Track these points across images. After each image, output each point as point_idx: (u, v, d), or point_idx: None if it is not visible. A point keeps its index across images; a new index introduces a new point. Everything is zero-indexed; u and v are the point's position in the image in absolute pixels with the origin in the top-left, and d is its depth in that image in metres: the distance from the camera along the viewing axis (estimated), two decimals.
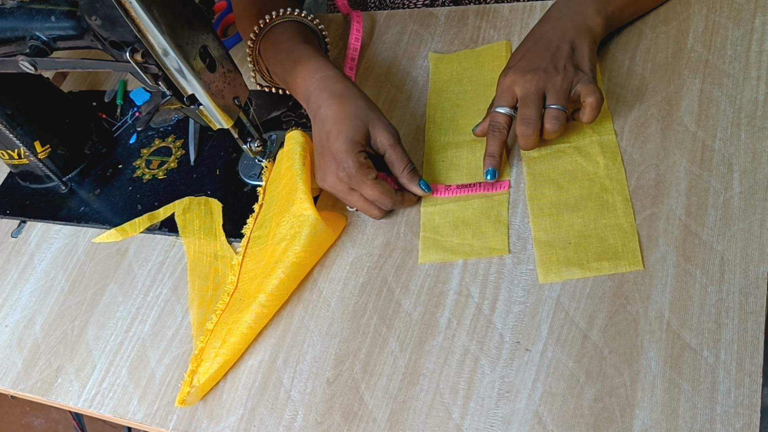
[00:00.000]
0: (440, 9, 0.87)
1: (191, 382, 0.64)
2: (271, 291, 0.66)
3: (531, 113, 0.65)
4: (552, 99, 0.65)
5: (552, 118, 0.65)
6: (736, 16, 0.71)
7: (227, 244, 0.75)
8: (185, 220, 0.79)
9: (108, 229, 0.82)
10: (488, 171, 0.68)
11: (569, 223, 0.64)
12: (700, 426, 0.51)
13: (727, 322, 0.54)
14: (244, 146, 0.76)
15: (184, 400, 0.64)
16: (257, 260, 0.71)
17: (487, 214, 0.67)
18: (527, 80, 0.66)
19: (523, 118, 0.65)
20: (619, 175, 0.65)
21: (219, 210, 0.78)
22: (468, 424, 0.56)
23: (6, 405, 1.84)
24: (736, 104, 0.65)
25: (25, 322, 0.78)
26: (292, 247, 0.67)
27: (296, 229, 0.67)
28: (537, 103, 0.65)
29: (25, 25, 0.67)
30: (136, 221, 0.81)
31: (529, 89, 0.65)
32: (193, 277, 0.73)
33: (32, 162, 0.86)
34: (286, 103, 0.86)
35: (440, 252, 0.66)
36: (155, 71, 0.63)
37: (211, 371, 0.64)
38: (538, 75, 0.65)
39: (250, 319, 0.66)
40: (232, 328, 0.66)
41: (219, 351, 0.65)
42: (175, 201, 0.81)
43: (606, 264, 0.60)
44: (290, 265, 0.67)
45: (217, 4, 1.03)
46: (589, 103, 0.64)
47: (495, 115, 0.68)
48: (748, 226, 0.58)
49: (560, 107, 0.65)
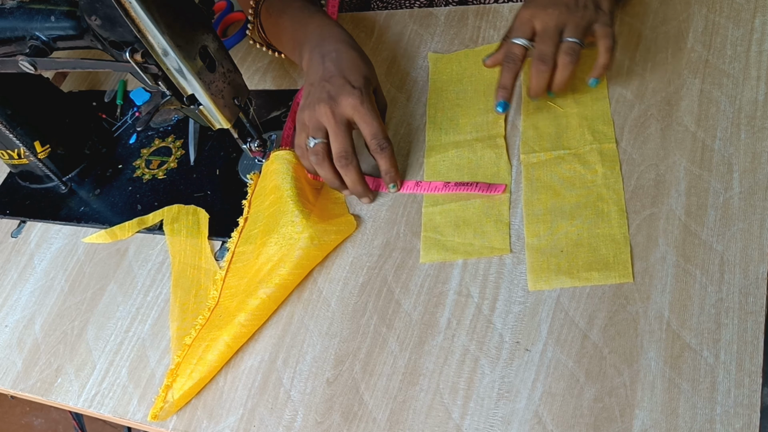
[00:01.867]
0: (440, 9, 0.87)
1: (165, 397, 0.64)
2: (252, 311, 0.66)
3: (548, 50, 0.65)
4: (568, 32, 0.65)
5: (568, 49, 0.64)
6: (736, 16, 0.71)
7: (212, 258, 0.75)
8: (173, 229, 0.78)
9: (107, 229, 0.82)
10: (499, 103, 0.67)
11: (563, 231, 0.63)
12: (699, 426, 0.51)
13: (726, 322, 0.54)
14: (244, 146, 0.76)
15: (156, 414, 0.64)
16: (240, 276, 0.70)
17: (488, 214, 0.67)
18: (548, 14, 0.65)
19: (540, 54, 0.65)
20: (617, 184, 0.64)
21: (206, 221, 0.77)
22: (468, 424, 0.56)
23: (6, 405, 1.84)
24: (736, 104, 0.65)
25: (25, 322, 0.78)
26: (277, 269, 0.67)
27: (285, 251, 0.67)
28: (555, 39, 0.65)
29: (25, 25, 0.67)
30: (125, 225, 0.80)
31: (548, 23, 0.65)
32: (176, 288, 0.73)
33: (32, 162, 0.86)
34: (286, 103, 0.86)
35: (441, 251, 0.66)
36: (155, 71, 0.63)
37: (186, 387, 0.64)
38: (559, 10, 0.65)
39: (228, 337, 0.65)
40: (210, 345, 0.65)
41: (195, 367, 0.65)
42: (164, 207, 0.80)
43: (596, 274, 0.60)
44: (274, 286, 0.66)
45: (217, 4, 1.03)
46: (602, 44, 0.64)
47: (511, 46, 0.67)
48: (748, 226, 0.58)
49: (577, 41, 0.64)
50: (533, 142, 0.70)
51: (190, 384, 0.64)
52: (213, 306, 0.69)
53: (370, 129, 0.68)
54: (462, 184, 0.69)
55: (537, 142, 0.70)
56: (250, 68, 0.93)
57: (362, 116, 0.68)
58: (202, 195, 0.81)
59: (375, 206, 0.72)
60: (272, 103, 0.86)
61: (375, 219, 0.71)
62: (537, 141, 0.70)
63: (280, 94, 0.87)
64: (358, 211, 0.72)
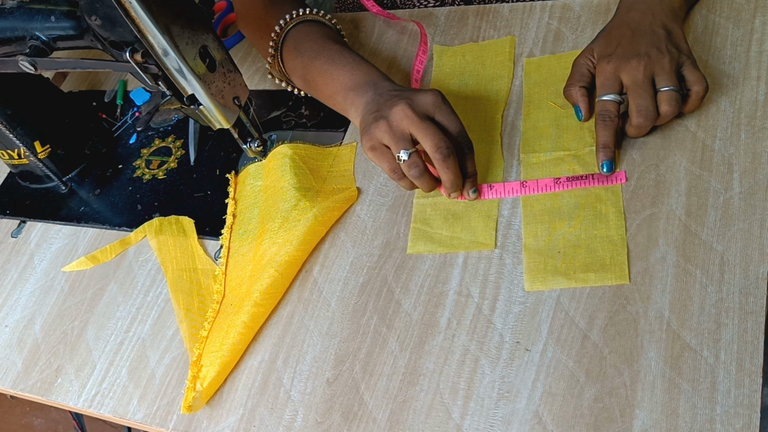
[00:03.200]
0: (440, 9, 0.87)
1: (195, 387, 0.64)
2: (266, 289, 0.66)
3: (647, 103, 0.63)
4: (663, 82, 0.63)
5: (668, 100, 0.63)
6: (735, 17, 0.71)
7: (206, 257, 0.75)
8: (159, 242, 0.78)
9: (108, 229, 0.82)
10: (604, 163, 0.64)
11: (560, 232, 0.63)
12: (699, 426, 0.51)
13: (727, 322, 0.54)
14: (244, 146, 0.76)
15: (190, 405, 0.63)
16: (241, 267, 0.71)
17: (478, 209, 0.67)
18: (633, 67, 0.63)
19: (639, 109, 0.63)
20: (615, 186, 0.64)
21: (192, 227, 0.78)
22: (468, 425, 0.56)
23: (6, 405, 1.84)
24: (736, 104, 0.65)
25: (25, 322, 0.78)
26: (284, 248, 0.68)
27: (289, 233, 0.69)
28: (649, 90, 0.63)
29: (25, 25, 0.67)
30: (107, 248, 0.80)
31: (637, 76, 0.63)
32: (176, 293, 0.73)
33: (32, 162, 0.86)
34: (286, 103, 0.86)
35: (428, 243, 0.67)
36: (155, 71, 0.63)
37: (212, 374, 0.64)
38: (645, 60, 0.63)
39: (246, 318, 0.66)
40: (228, 332, 0.66)
41: (218, 353, 0.65)
42: (144, 224, 0.80)
43: (592, 276, 0.60)
44: (284, 264, 0.67)
45: (217, 4, 1.03)
46: (695, 91, 0.63)
47: (604, 104, 0.65)
48: (748, 226, 0.58)
49: (674, 88, 0.63)
50: (533, 142, 0.70)
51: (217, 370, 0.64)
52: (220, 299, 0.70)
53: (455, 126, 0.65)
54: (576, 178, 0.66)
55: (537, 143, 0.70)
56: (250, 68, 0.93)
57: (445, 112, 0.65)
58: (202, 195, 0.81)
59: (375, 206, 0.72)
60: (272, 103, 0.86)
61: (375, 219, 0.71)
62: (537, 141, 0.70)
63: (280, 94, 0.87)
64: (359, 210, 0.72)
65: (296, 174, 0.73)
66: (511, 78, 0.76)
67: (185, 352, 0.69)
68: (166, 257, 0.76)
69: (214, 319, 0.69)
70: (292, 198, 0.71)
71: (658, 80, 0.63)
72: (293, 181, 0.72)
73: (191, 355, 0.67)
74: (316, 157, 0.77)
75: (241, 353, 0.67)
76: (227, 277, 0.72)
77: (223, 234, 0.75)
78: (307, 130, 0.82)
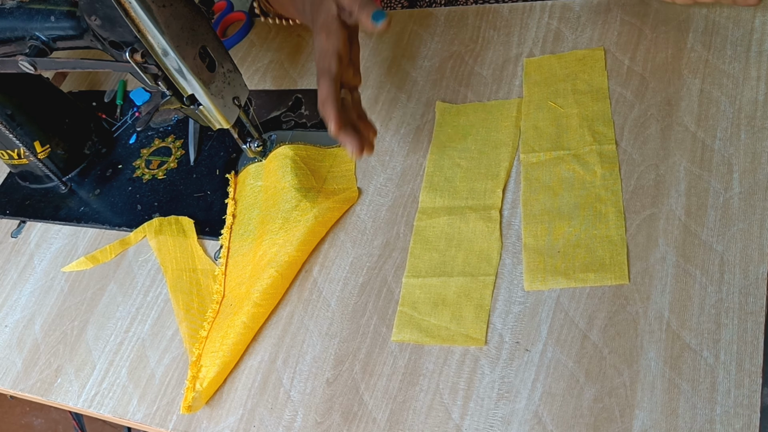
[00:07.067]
0: (440, 9, 0.87)
1: (194, 387, 0.64)
2: (266, 290, 0.66)
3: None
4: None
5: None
6: (736, 16, 0.71)
7: (206, 257, 0.75)
8: (159, 242, 0.78)
9: (107, 229, 0.82)
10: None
11: (560, 232, 0.63)
12: (699, 426, 0.51)
13: (726, 322, 0.54)
14: (244, 146, 0.76)
15: (189, 406, 0.63)
16: (241, 267, 0.72)
17: (470, 297, 0.62)
18: None
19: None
20: (615, 185, 0.64)
21: (191, 227, 0.78)
22: (468, 425, 0.56)
23: (6, 405, 1.84)
24: (736, 104, 0.65)
25: (24, 322, 0.78)
26: (284, 248, 0.68)
27: (289, 234, 0.69)
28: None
29: (25, 25, 0.67)
30: (107, 248, 0.80)
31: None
32: (176, 293, 0.73)
33: (32, 162, 0.86)
34: (286, 103, 0.86)
35: (415, 332, 0.62)
36: (155, 71, 0.63)
37: (212, 374, 0.64)
38: None
39: (246, 318, 0.66)
40: (228, 332, 0.66)
41: (217, 354, 0.65)
42: (144, 224, 0.80)
43: (592, 276, 0.60)
44: (283, 264, 0.67)
45: (217, 4, 1.03)
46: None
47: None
48: (748, 226, 0.58)
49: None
50: (533, 142, 0.70)
51: (216, 370, 0.64)
52: (220, 299, 0.70)
53: None
54: None
55: (537, 142, 0.70)
56: (250, 68, 0.93)
57: None
58: (202, 195, 0.81)
59: (375, 206, 0.72)
60: (272, 103, 0.86)
61: (375, 219, 0.71)
62: (537, 141, 0.70)
63: (280, 94, 0.87)
64: (358, 210, 0.72)
65: (297, 175, 0.73)
66: (516, 146, 0.71)
67: (185, 353, 0.69)
68: (166, 257, 0.76)
69: (214, 320, 0.69)
70: (293, 199, 0.71)
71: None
72: (294, 181, 0.72)
73: (191, 355, 0.67)
74: (316, 158, 0.77)
75: (240, 353, 0.67)
76: (227, 277, 0.72)
77: (223, 234, 0.75)
78: (307, 130, 0.82)
